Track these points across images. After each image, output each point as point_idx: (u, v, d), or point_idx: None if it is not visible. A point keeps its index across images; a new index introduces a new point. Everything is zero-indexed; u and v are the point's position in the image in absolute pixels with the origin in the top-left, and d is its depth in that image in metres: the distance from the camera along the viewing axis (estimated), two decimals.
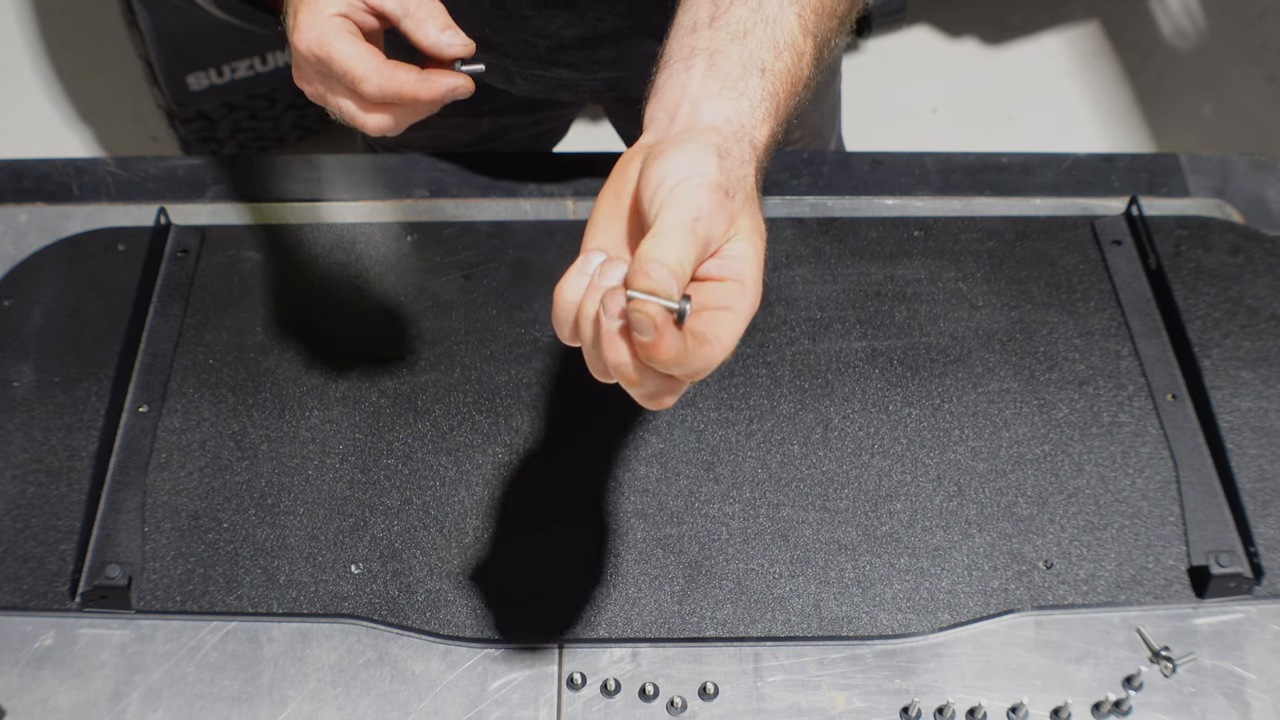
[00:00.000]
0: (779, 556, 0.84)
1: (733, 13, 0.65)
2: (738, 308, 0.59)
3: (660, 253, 0.55)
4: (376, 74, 0.71)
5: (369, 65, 0.71)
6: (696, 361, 0.56)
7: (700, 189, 0.58)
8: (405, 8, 0.73)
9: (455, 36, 0.73)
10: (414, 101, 0.72)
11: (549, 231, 1.02)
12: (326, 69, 0.72)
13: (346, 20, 0.72)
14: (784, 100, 0.65)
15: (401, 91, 0.71)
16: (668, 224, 0.57)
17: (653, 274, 0.55)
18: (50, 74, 2.35)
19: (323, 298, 0.98)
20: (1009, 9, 2.41)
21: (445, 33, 0.73)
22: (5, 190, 1.06)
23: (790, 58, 0.65)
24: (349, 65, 0.70)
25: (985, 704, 0.78)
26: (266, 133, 2.11)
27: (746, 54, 0.64)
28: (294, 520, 0.86)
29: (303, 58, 0.72)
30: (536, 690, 0.80)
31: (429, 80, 0.72)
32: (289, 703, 0.79)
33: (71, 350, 0.95)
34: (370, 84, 0.71)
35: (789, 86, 0.65)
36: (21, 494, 0.87)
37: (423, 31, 0.73)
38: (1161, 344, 0.95)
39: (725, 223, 0.59)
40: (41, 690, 0.79)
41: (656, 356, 0.54)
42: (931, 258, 1.00)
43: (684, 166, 0.59)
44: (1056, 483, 0.88)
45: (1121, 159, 1.08)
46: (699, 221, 0.57)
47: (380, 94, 0.71)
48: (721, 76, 0.63)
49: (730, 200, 0.59)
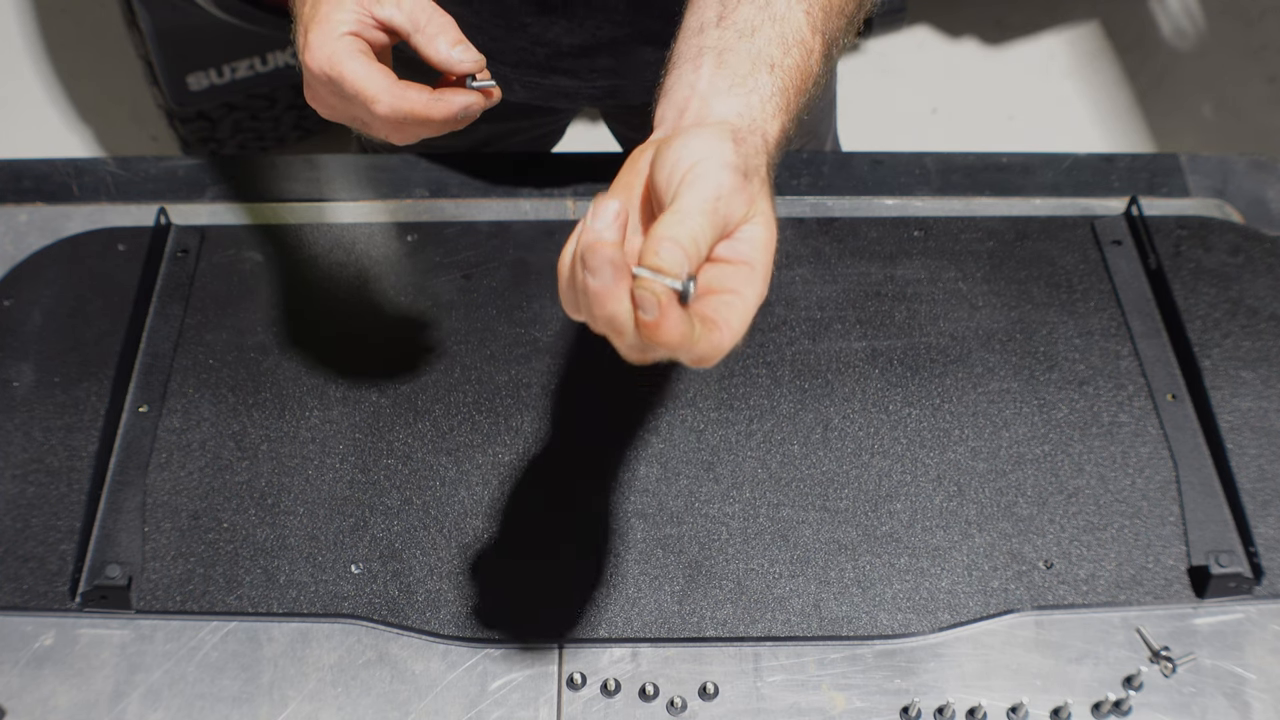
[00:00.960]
0: (779, 556, 0.84)
1: (740, 12, 0.65)
2: (746, 293, 0.58)
3: (676, 230, 0.55)
4: (388, 94, 0.70)
5: (380, 85, 0.70)
6: (703, 346, 0.55)
7: (720, 169, 0.57)
8: (415, 23, 0.72)
9: (466, 52, 0.73)
10: (427, 121, 0.72)
11: (549, 231, 1.02)
12: (339, 89, 0.71)
13: (357, 39, 0.71)
14: (794, 96, 0.65)
15: (414, 111, 0.71)
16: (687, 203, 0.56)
17: (663, 252, 0.54)
18: (50, 74, 2.35)
19: (323, 298, 0.98)
20: (1009, 9, 2.41)
21: (456, 48, 0.72)
22: (5, 190, 1.06)
23: (799, 54, 0.65)
24: (360, 86, 0.70)
25: (985, 704, 0.78)
26: (266, 133, 2.11)
27: (755, 51, 0.64)
28: (294, 520, 0.86)
29: (315, 77, 0.72)
30: (536, 690, 0.80)
31: (441, 100, 0.72)
32: (289, 703, 0.79)
33: (71, 350, 0.95)
34: (382, 105, 0.71)
35: (798, 82, 0.65)
36: (21, 494, 0.87)
37: (433, 47, 0.72)
38: (1161, 344, 0.95)
39: (744, 205, 0.58)
40: (41, 690, 0.79)
41: (659, 338, 0.53)
42: (931, 258, 1.00)
43: (701, 149, 0.58)
44: (1056, 483, 0.88)
45: (1121, 159, 1.08)
46: (720, 200, 0.56)
47: (393, 114, 0.71)
48: (730, 74, 0.63)
49: (749, 183, 0.58)
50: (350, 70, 0.70)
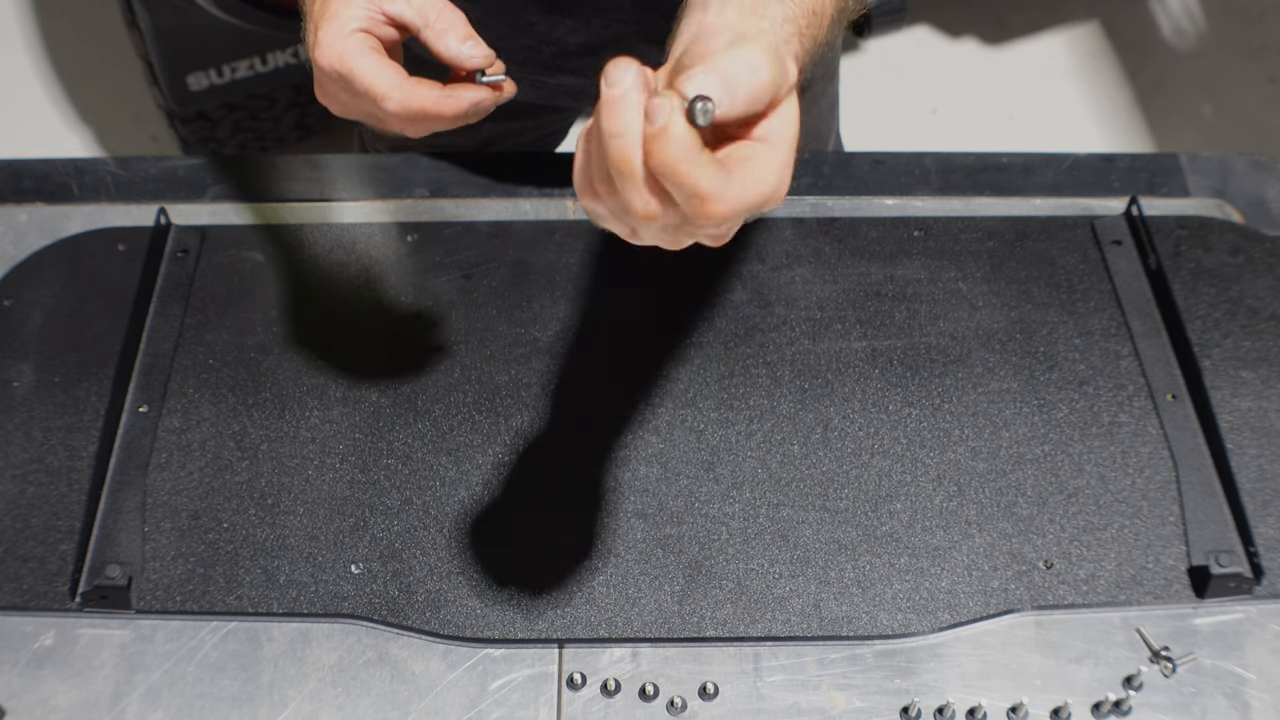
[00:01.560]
0: (779, 556, 0.84)
1: None
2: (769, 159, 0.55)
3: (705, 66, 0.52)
4: (399, 91, 0.71)
5: (391, 82, 0.71)
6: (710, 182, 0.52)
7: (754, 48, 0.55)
8: (425, 18, 0.72)
9: (476, 48, 0.73)
10: (437, 117, 0.72)
11: (549, 231, 1.02)
12: (349, 86, 0.71)
13: (368, 35, 0.72)
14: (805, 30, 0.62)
15: (424, 108, 0.71)
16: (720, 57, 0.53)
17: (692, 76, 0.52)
18: (50, 74, 2.35)
19: (323, 298, 0.98)
20: (1009, 9, 2.41)
21: (466, 44, 0.73)
22: (5, 190, 1.06)
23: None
24: (371, 83, 0.71)
25: (985, 704, 0.78)
26: (266, 133, 2.11)
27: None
28: (294, 520, 0.86)
29: (325, 74, 0.72)
30: (536, 690, 0.80)
31: (451, 96, 0.72)
32: (289, 703, 0.79)
33: (71, 350, 0.95)
34: (393, 102, 0.71)
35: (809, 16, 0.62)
36: (21, 494, 0.87)
37: (443, 43, 0.73)
38: (1161, 344, 0.95)
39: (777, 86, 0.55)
40: (41, 690, 0.79)
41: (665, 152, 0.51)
42: (931, 258, 1.00)
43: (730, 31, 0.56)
44: (1056, 483, 0.88)
45: (1121, 159, 1.08)
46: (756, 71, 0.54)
47: (403, 111, 0.71)
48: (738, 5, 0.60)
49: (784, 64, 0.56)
50: (360, 67, 0.70)
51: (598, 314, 0.97)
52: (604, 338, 0.95)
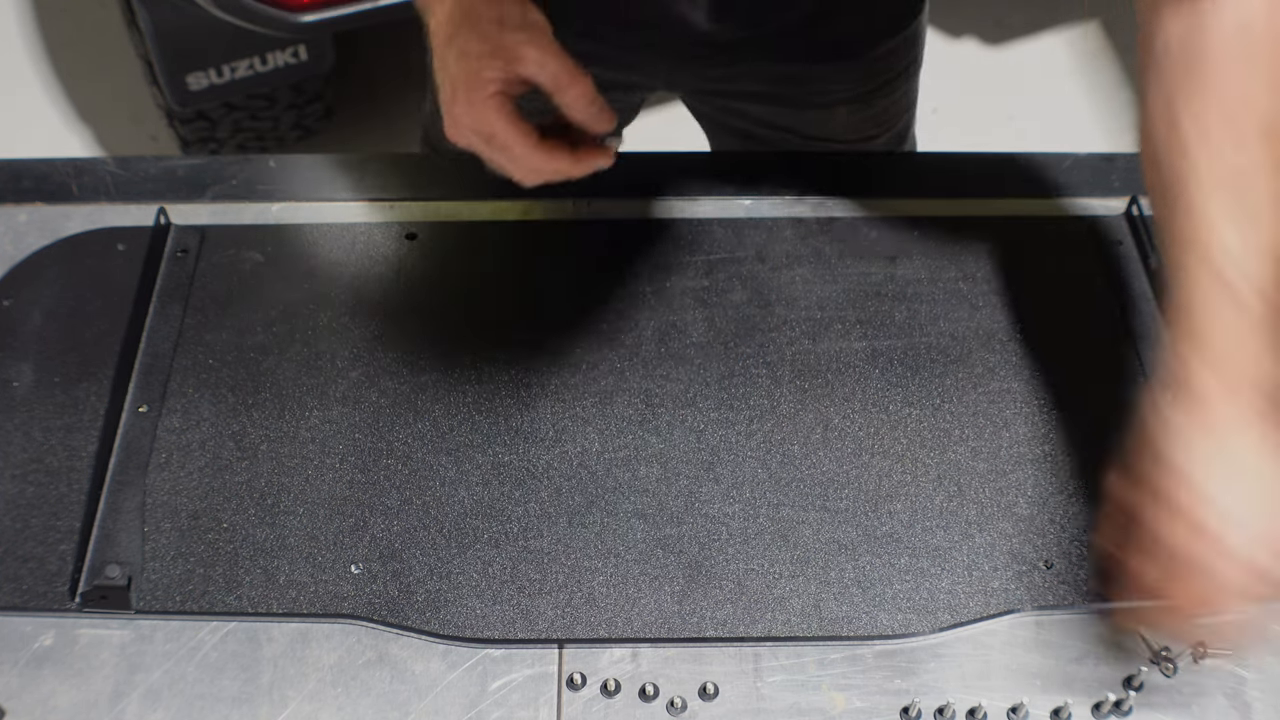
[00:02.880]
0: (779, 556, 0.84)
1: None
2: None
3: None
4: (534, 156, 0.80)
5: (526, 147, 0.80)
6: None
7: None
8: (558, 84, 0.80)
9: (603, 113, 0.81)
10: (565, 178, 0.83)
11: (550, 231, 1.02)
12: (489, 141, 0.80)
13: (506, 99, 0.79)
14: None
15: (558, 171, 0.82)
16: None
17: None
18: (50, 74, 2.35)
19: (323, 298, 0.98)
20: (1009, 9, 2.41)
21: (593, 107, 0.81)
22: (5, 190, 1.06)
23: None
24: (509, 143, 0.80)
25: (985, 704, 0.78)
26: (266, 133, 2.11)
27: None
28: (294, 520, 0.86)
29: (467, 129, 0.81)
30: (536, 690, 0.80)
31: (580, 164, 0.82)
32: (289, 703, 0.79)
33: (71, 350, 0.95)
34: (526, 165, 0.81)
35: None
36: (21, 494, 0.87)
37: (575, 109, 0.81)
38: (1161, 344, 0.94)
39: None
40: (41, 690, 0.79)
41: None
42: (931, 258, 1.00)
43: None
44: (1056, 483, 0.87)
45: (1121, 159, 1.08)
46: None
47: (537, 175, 0.82)
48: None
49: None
50: (501, 129, 0.79)
51: (598, 314, 0.97)
52: (604, 338, 0.95)
